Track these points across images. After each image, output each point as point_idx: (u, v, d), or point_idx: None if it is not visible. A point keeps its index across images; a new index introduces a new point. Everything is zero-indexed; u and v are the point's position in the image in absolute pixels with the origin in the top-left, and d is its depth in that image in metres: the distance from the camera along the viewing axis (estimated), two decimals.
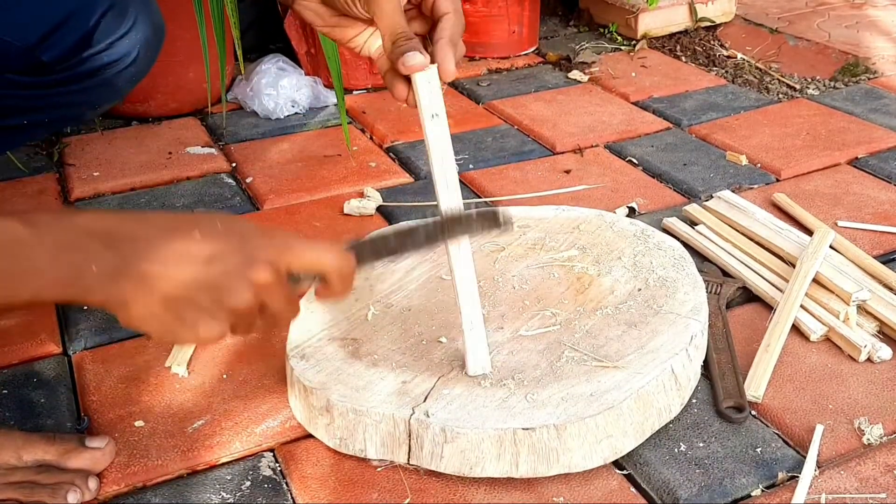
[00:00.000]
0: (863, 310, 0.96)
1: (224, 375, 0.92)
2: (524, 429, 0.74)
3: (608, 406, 0.76)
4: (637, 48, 1.89)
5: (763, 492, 0.76)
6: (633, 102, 1.62)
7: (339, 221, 1.22)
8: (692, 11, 1.96)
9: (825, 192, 1.25)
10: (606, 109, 1.58)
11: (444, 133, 0.73)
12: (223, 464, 0.81)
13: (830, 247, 1.05)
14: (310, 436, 0.83)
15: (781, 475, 0.78)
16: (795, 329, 0.95)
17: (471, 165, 1.38)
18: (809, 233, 1.09)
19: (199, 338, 0.58)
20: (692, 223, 1.16)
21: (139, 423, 0.85)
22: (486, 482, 0.77)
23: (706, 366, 0.89)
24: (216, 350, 0.96)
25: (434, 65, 0.71)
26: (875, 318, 0.95)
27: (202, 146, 1.48)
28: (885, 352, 0.90)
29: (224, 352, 0.96)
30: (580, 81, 1.73)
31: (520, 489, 0.77)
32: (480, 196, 1.28)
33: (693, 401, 0.86)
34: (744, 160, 1.35)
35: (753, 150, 1.38)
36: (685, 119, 1.53)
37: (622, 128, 1.50)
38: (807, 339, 0.94)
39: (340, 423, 0.79)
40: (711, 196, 1.24)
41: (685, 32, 1.97)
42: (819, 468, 0.78)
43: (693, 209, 1.17)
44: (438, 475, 0.78)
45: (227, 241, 0.58)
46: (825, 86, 1.66)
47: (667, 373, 0.80)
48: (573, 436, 0.75)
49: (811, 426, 0.82)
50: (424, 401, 0.77)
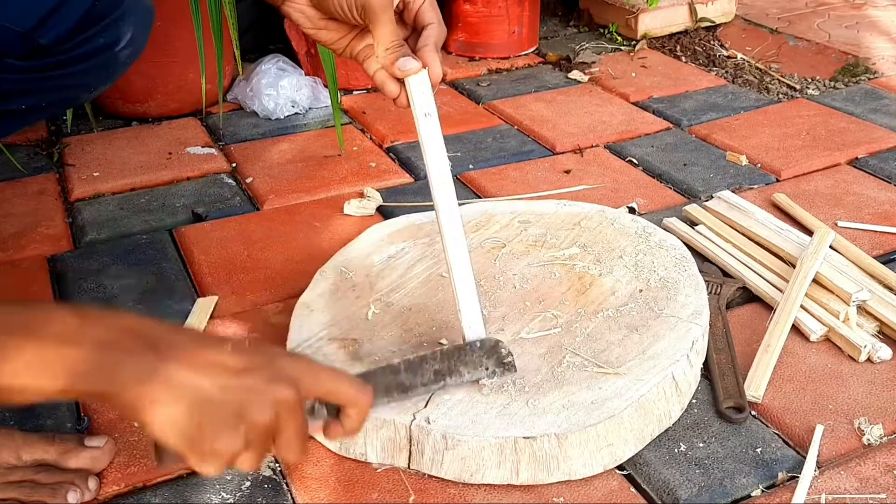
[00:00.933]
0: (863, 310, 0.96)
1: None
2: (525, 437, 0.74)
3: (609, 415, 0.75)
4: (637, 48, 1.89)
5: (763, 492, 0.76)
6: (634, 103, 1.62)
7: (339, 221, 1.22)
8: (692, 12, 1.96)
9: (825, 193, 1.25)
10: (606, 110, 1.58)
11: (437, 131, 0.78)
12: None
13: (831, 247, 1.05)
14: (310, 437, 0.83)
15: (781, 475, 0.78)
16: (795, 329, 0.95)
17: (471, 165, 1.38)
18: (809, 233, 1.09)
19: (215, 450, 0.58)
20: (692, 223, 1.16)
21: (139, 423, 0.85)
22: (487, 483, 0.77)
23: (706, 366, 0.89)
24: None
25: (425, 69, 0.77)
26: (875, 319, 0.95)
27: (202, 146, 1.48)
28: (885, 352, 0.90)
29: None
30: (580, 82, 1.73)
31: (520, 490, 0.77)
32: (480, 196, 1.28)
33: (693, 401, 0.86)
34: (744, 160, 1.35)
35: (753, 151, 1.38)
36: (685, 119, 1.53)
37: (622, 128, 1.50)
38: (807, 339, 0.94)
39: None
40: (711, 196, 1.24)
41: (685, 33, 1.97)
42: (819, 468, 0.78)
43: (693, 209, 1.17)
44: (439, 476, 0.78)
45: (256, 357, 0.60)
46: (825, 86, 1.66)
47: (668, 380, 0.80)
48: (574, 444, 0.74)
49: (811, 426, 0.82)
50: (425, 406, 0.77)
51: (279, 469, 0.80)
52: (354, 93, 1.69)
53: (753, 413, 0.85)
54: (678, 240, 1.00)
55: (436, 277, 0.95)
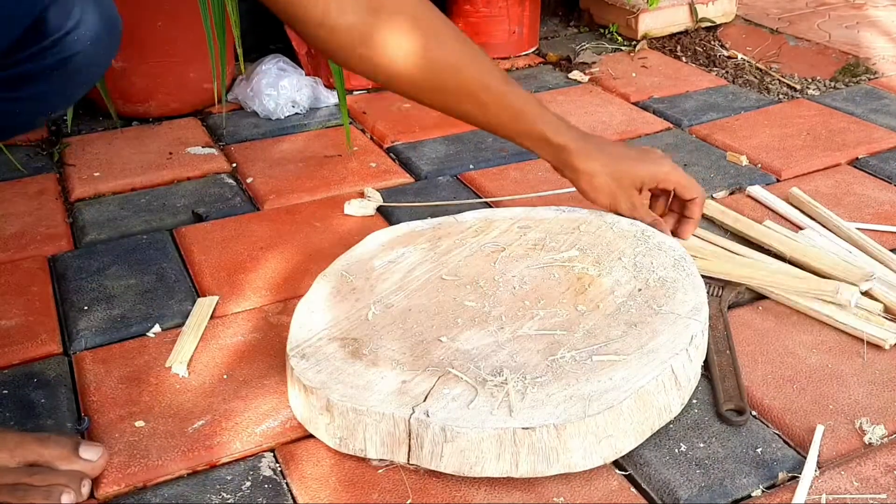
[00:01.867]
0: (867, 294, 0.98)
1: (224, 375, 0.92)
2: (524, 428, 0.74)
3: (608, 406, 0.76)
4: (637, 48, 1.89)
5: (763, 492, 0.76)
6: (634, 103, 1.62)
7: (340, 221, 1.22)
8: (693, 12, 1.96)
9: (826, 193, 1.25)
10: (607, 110, 1.58)
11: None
12: (223, 464, 0.81)
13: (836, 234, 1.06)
14: (310, 436, 0.83)
15: (782, 475, 0.78)
16: (795, 329, 0.95)
17: (471, 165, 1.38)
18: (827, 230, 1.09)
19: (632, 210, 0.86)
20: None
21: (139, 424, 0.85)
22: (487, 482, 0.77)
23: (707, 368, 0.89)
24: (217, 350, 0.96)
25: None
26: (879, 301, 0.97)
27: (202, 146, 1.48)
28: None
29: (224, 352, 0.96)
30: (580, 82, 1.73)
31: (520, 489, 0.77)
32: (481, 196, 1.28)
33: (693, 401, 0.86)
34: (744, 160, 1.35)
35: (754, 151, 1.38)
36: (685, 119, 1.53)
37: (622, 128, 1.50)
38: (819, 330, 0.94)
39: (340, 423, 0.79)
40: (712, 196, 1.24)
41: (685, 33, 1.97)
42: (819, 468, 0.78)
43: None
44: (439, 475, 0.78)
45: None
46: (825, 86, 1.66)
47: (667, 372, 0.80)
48: (573, 435, 0.75)
49: (812, 426, 0.82)
50: (424, 400, 0.77)
51: (280, 469, 0.80)
52: (355, 93, 1.69)
53: (754, 413, 0.85)
54: (676, 241, 1.00)
55: (436, 280, 0.96)
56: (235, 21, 1.34)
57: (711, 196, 1.25)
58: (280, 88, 1.59)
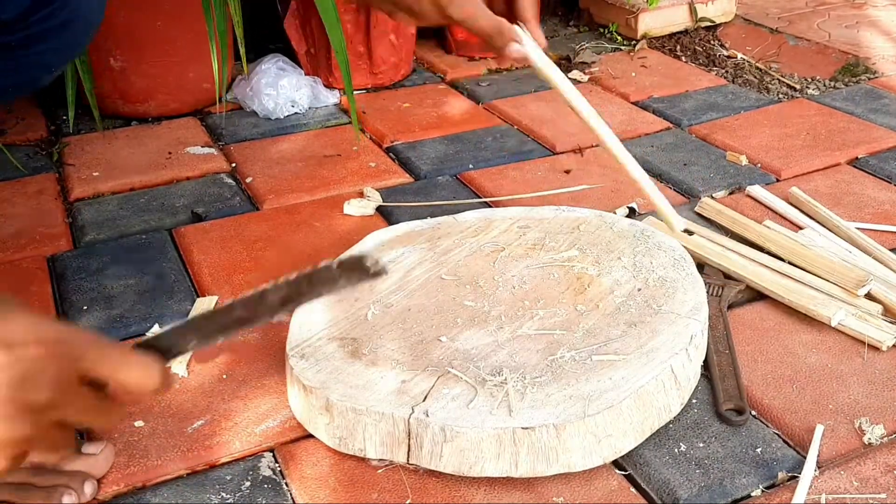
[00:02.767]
0: (868, 295, 0.98)
1: (224, 375, 0.92)
2: (523, 428, 0.74)
3: (608, 405, 0.76)
4: (637, 48, 1.89)
5: (763, 492, 0.76)
6: (633, 102, 1.62)
7: (339, 221, 1.22)
8: (692, 11, 1.96)
9: (825, 192, 1.25)
10: (606, 109, 1.58)
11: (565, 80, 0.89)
12: (223, 464, 0.81)
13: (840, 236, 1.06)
14: (310, 436, 0.83)
15: (781, 475, 0.77)
16: (797, 327, 0.95)
17: (470, 165, 1.38)
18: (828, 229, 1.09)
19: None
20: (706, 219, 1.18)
21: (139, 423, 0.85)
22: (487, 482, 0.77)
23: (707, 368, 0.89)
24: (216, 350, 0.96)
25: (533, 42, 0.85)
26: (879, 302, 0.97)
27: (202, 146, 1.48)
28: None
29: (224, 352, 0.96)
30: (580, 81, 1.73)
31: (520, 489, 0.77)
32: (480, 196, 1.28)
33: (693, 401, 0.86)
34: (744, 160, 1.35)
35: (753, 150, 1.38)
36: (685, 119, 1.53)
37: (622, 128, 1.50)
38: (819, 330, 0.94)
39: (340, 423, 0.79)
40: (712, 196, 1.24)
41: (685, 32, 1.97)
42: (819, 468, 0.78)
43: (707, 202, 1.19)
44: (438, 475, 0.78)
45: (22, 329, 0.54)
46: (825, 86, 1.66)
47: (666, 372, 0.80)
48: (573, 435, 0.75)
49: (811, 426, 0.82)
50: (424, 400, 0.77)
51: (279, 469, 0.80)
52: (354, 93, 1.69)
53: (754, 413, 0.85)
54: (676, 241, 1.00)
55: (435, 279, 0.95)
56: (238, 21, 1.34)
57: (711, 196, 1.25)
58: (279, 88, 1.58)
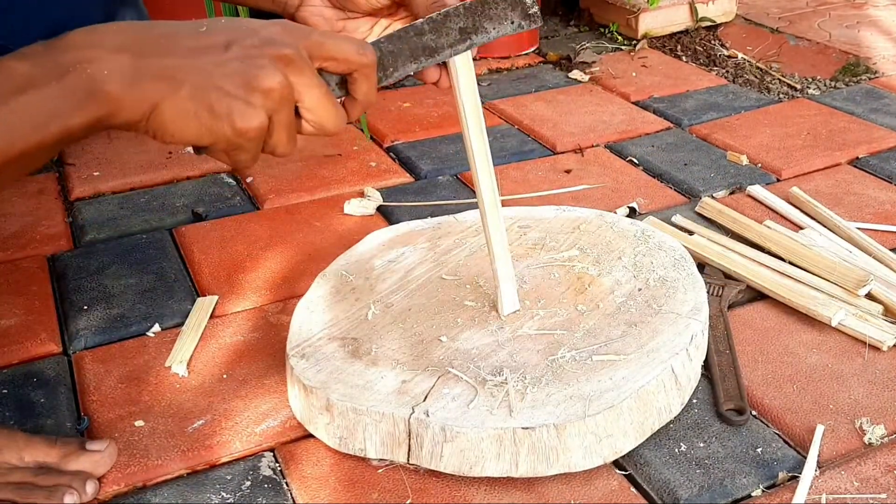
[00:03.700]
0: (868, 295, 0.98)
1: (224, 375, 0.92)
2: (524, 428, 0.74)
3: (608, 405, 0.76)
4: (638, 48, 1.89)
5: (763, 492, 0.76)
6: (634, 102, 1.62)
7: (339, 221, 1.22)
8: (693, 11, 1.96)
9: (826, 192, 1.24)
10: (607, 109, 1.58)
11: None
12: (223, 464, 0.81)
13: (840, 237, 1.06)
14: (310, 436, 0.83)
15: (782, 475, 0.77)
16: (798, 326, 0.95)
17: None
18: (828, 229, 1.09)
19: (239, 130, 0.55)
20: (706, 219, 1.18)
21: (139, 423, 0.85)
22: (487, 482, 0.77)
23: (707, 368, 0.89)
24: (216, 350, 0.96)
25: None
26: (880, 302, 0.97)
27: None
28: None
29: (224, 351, 0.96)
30: (581, 81, 1.73)
31: (520, 489, 0.77)
32: None
33: (693, 401, 0.86)
34: (744, 160, 1.35)
35: (754, 150, 1.38)
36: (686, 119, 1.53)
37: (623, 127, 1.50)
38: (815, 333, 0.94)
39: (340, 423, 0.78)
40: (712, 196, 1.24)
41: (686, 32, 1.97)
42: (819, 468, 0.78)
43: (707, 202, 1.19)
44: (439, 475, 0.78)
45: (238, 29, 0.57)
46: (826, 85, 1.66)
47: (667, 372, 0.80)
48: (573, 435, 0.75)
49: (812, 426, 0.82)
50: (424, 400, 0.77)
51: (279, 469, 0.80)
52: None
53: (754, 413, 0.85)
54: (677, 241, 1.00)
55: (436, 279, 0.95)
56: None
57: (712, 196, 1.25)
58: None
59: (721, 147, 1.41)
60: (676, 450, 0.80)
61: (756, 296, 1.02)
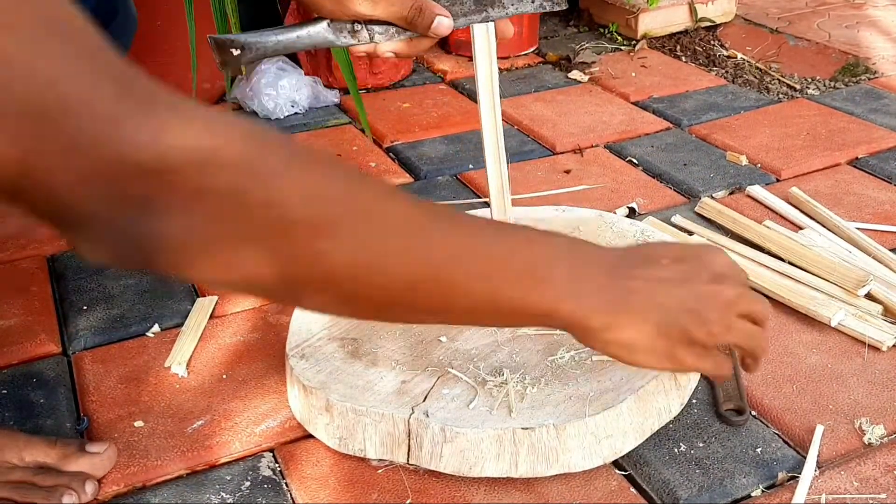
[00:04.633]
0: (868, 295, 0.98)
1: (224, 375, 0.92)
2: (523, 428, 0.74)
3: (608, 406, 0.76)
4: (637, 48, 1.89)
5: (763, 492, 0.76)
6: (634, 102, 1.62)
7: None
8: (692, 11, 1.96)
9: (825, 193, 1.24)
10: (606, 109, 1.58)
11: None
12: (223, 464, 0.81)
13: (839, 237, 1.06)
14: (310, 436, 0.83)
15: (781, 475, 0.77)
16: (798, 327, 0.95)
17: (470, 165, 1.38)
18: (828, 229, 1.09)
19: (685, 362, 0.61)
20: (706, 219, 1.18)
21: (139, 424, 0.85)
22: (487, 482, 0.77)
23: None
24: (216, 350, 0.96)
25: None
26: (880, 302, 0.97)
27: None
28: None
29: (224, 352, 0.96)
30: (580, 81, 1.73)
31: (520, 489, 0.77)
32: (480, 196, 1.28)
33: (693, 401, 0.86)
34: (744, 160, 1.35)
35: (753, 151, 1.38)
36: (685, 119, 1.53)
37: (622, 128, 1.50)
38: (814, 333, 0.94)
39: (340, 423, 0.78)
40: (712, 196, 1.24)
41: (685, 32, 1.97)
42: (819, 468, 0.78)
43: (707, 202, 1.19)
44: (438, 475, 0.78)
45: (694, 264, 0.61)
46: (825, 86, 1.66)
47: (666, 373, 0.80)
48: (572, 435, 0.75)
49: (811, 426, 0.82)
50: (424, 400, 0.77)
51: (279, 469, 0.80)
52: None
53: (754, 413, 0.85)
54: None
55: None
56: (235, 23, 1.34)
57: (711, 196, 1.25)
58: (279, 88, 1.58)
59: (720, 147, 1.41)
60: (676, 450, 0.80)
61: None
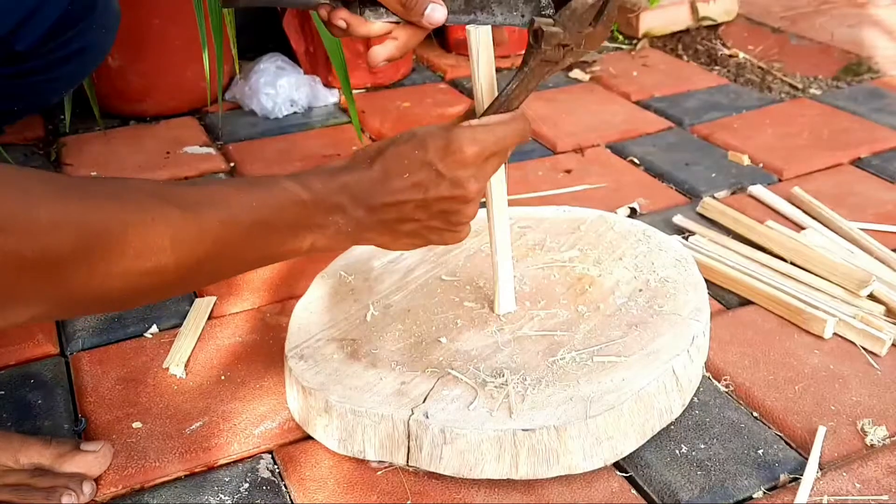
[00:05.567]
0: (870, 295, 0.98)
1: (222, 377, 0.91)
2: (524, 430, 0.73)
3: (609, 407, 0.75)
4: (639, 47, 1.89)
5: (765, 494, 0.76)
6: (635, 102, 1.61)
7: None
8: (694, 10, 1.96)
9: (828, 192, 1.24)
10: (608, 109, 1.58)
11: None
12: (221, 465, 0.81)
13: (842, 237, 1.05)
14: (309, 437, 0.82)
15: (783, 477, 0.77)
16: (799, 330, 0.95)
17: None
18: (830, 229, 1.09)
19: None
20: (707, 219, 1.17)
21: (137, 425, 0.85)
22: (487, 484, 0.77)
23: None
24: (214, 351, 0.95)
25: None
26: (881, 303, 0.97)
27: (200, 145, 1.48)
28: None
29: (222, 353, 0.95)
30: (581, 80, 1.72)
31: (520, 491, 0.76)
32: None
33: (695, 401, 0.85)
34: (746, 160, 1.35)
35: (755, 150, 1.38)
36: (687, 118, 1.52)
37: (623, 127, 1.49)
38: (816, 339, 0.93)
39: (339, 425, 0.78)
40: (714, 196, 1.23)
41: (687, 31, 1.96)
42: (821, 470, 0.77)
43: (709, 202, 1.18)
44: (438, 477, 0.77)
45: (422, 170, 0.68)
46: (828, 85, 1.66)
47: (668, 374, 0.79)
48: (573, 437, 0.74)
49: (813, 428, 0.81)
50: (424, 402, 0.77)
51: (278, 471, 0.80)
52: (353, 92, 1.68)
53: (755, 414, 0.85)
54: (677, 241, 1.00)
55: (435, 280, 0.95)
56: (231, 21, 1.34)
57: (713, 196, 1.24)
58: (278, 87, 1.58)
59: (722, 147, 1.41)
60: (677, 451, 0.80)
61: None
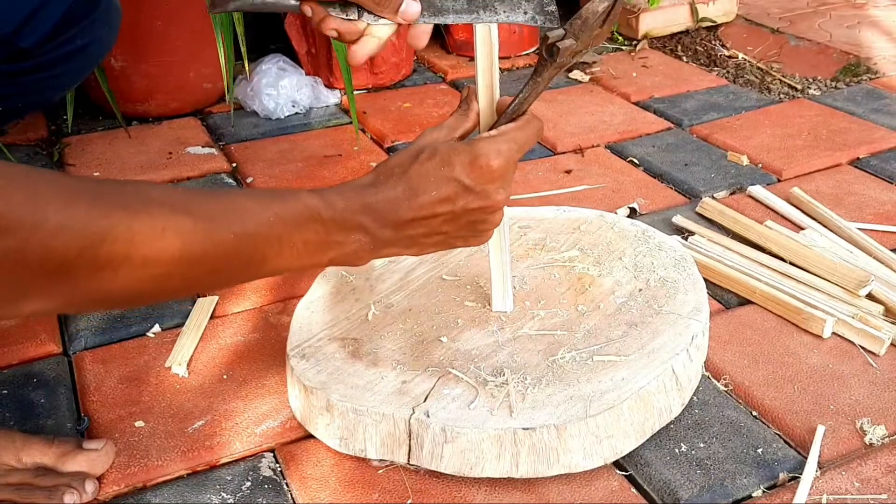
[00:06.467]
0: (869, 295, 0.98)
1: (224, 376, 0.92)
2: (524, 429, 0.74)
3: (609, 406, 0.76)
4: (638, 48, 1.89)
5: (764, 492, 0.76)
6: (634, 102, 1.62)
7: None
8: (693, 11, 1.96)
9: (826, 193, 1.24)
10: (607, 109, 1.58)
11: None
12: (223, 464, 0.81)
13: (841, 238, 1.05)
14: (310, 436, 0.83)
15: (782, 476, 0.77)
16: (799, 328, 0.95)
17: None
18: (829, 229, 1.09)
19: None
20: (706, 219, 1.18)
21: (139, 424, 0.85)
22: (487, 483, 0.77)
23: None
24: (216, 350, 0.96)
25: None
26: (880, 303, 0.97)
27: (202, 146, 1.48)
28: None
29: (224, 352, 0.95)
30: (581, 81, 1.73)
31: (520, 490, 0.76)
32: None
33: (694, 400, 0.85)
34: (745, 160, 1.35)
35: (755, 151, 1.38)
36: (686, 119, 1.53)
37: (623, 128, 1.50)
38: (814, 338, 0.94)
39: (340, 423, 0.78)
40: (713, 196, 1.24)
41: (686, 32, 1.97)
42: (820, 469, 0.78)
43: (708, 203, 1.19)
44: (439, 476, 0.78)
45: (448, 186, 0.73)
46: (826, 86, 1.66)
47: (667, 373, 0.80)
48: (573, 436, 0.75)
49: (812, 427, 0.82)
50: (424, 401, 0.77)
51: (280, 469, 0.80)
52: (354, 92, 1.68)
53: (755, 413, 0.85)
54: (677, 241, 1.00)
55: (436, 280, 0.95)
56: (238, 18, 1.34)
57: (713, 196, 1.25)
58: (280, 88, 1.58)
59: (722, 147, 1.41)
60: (677, 450, 0.80)
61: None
